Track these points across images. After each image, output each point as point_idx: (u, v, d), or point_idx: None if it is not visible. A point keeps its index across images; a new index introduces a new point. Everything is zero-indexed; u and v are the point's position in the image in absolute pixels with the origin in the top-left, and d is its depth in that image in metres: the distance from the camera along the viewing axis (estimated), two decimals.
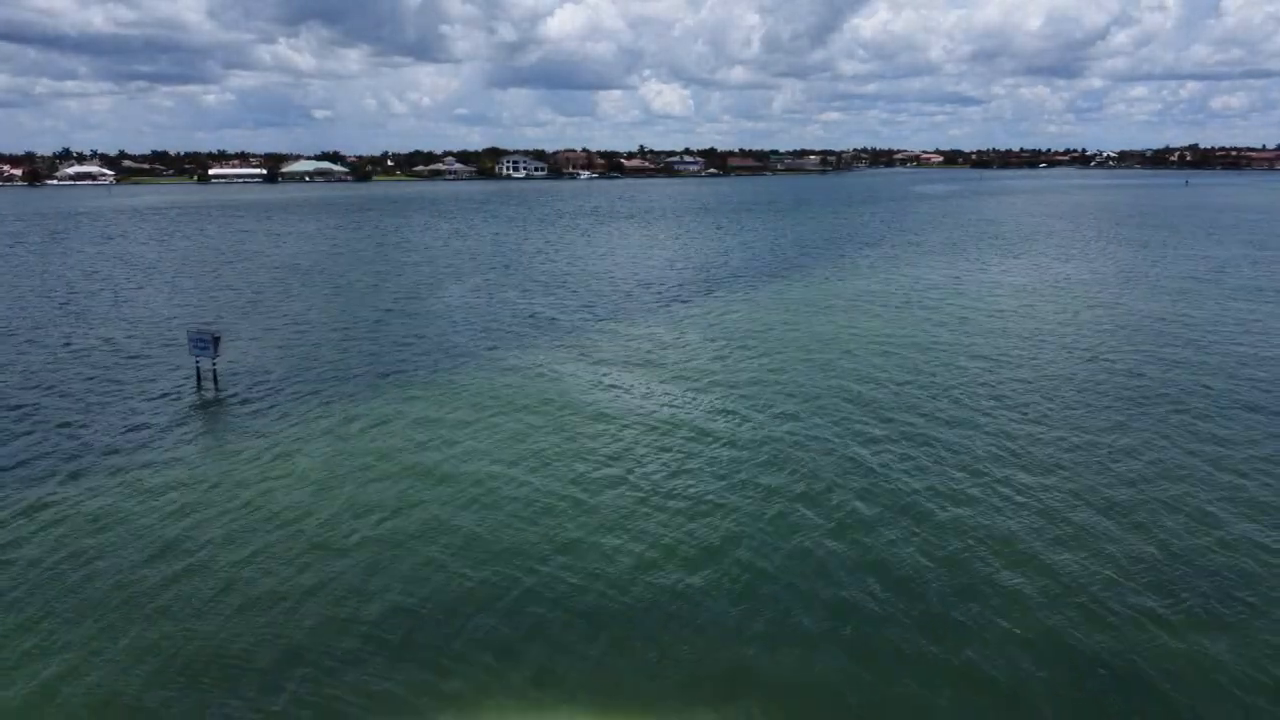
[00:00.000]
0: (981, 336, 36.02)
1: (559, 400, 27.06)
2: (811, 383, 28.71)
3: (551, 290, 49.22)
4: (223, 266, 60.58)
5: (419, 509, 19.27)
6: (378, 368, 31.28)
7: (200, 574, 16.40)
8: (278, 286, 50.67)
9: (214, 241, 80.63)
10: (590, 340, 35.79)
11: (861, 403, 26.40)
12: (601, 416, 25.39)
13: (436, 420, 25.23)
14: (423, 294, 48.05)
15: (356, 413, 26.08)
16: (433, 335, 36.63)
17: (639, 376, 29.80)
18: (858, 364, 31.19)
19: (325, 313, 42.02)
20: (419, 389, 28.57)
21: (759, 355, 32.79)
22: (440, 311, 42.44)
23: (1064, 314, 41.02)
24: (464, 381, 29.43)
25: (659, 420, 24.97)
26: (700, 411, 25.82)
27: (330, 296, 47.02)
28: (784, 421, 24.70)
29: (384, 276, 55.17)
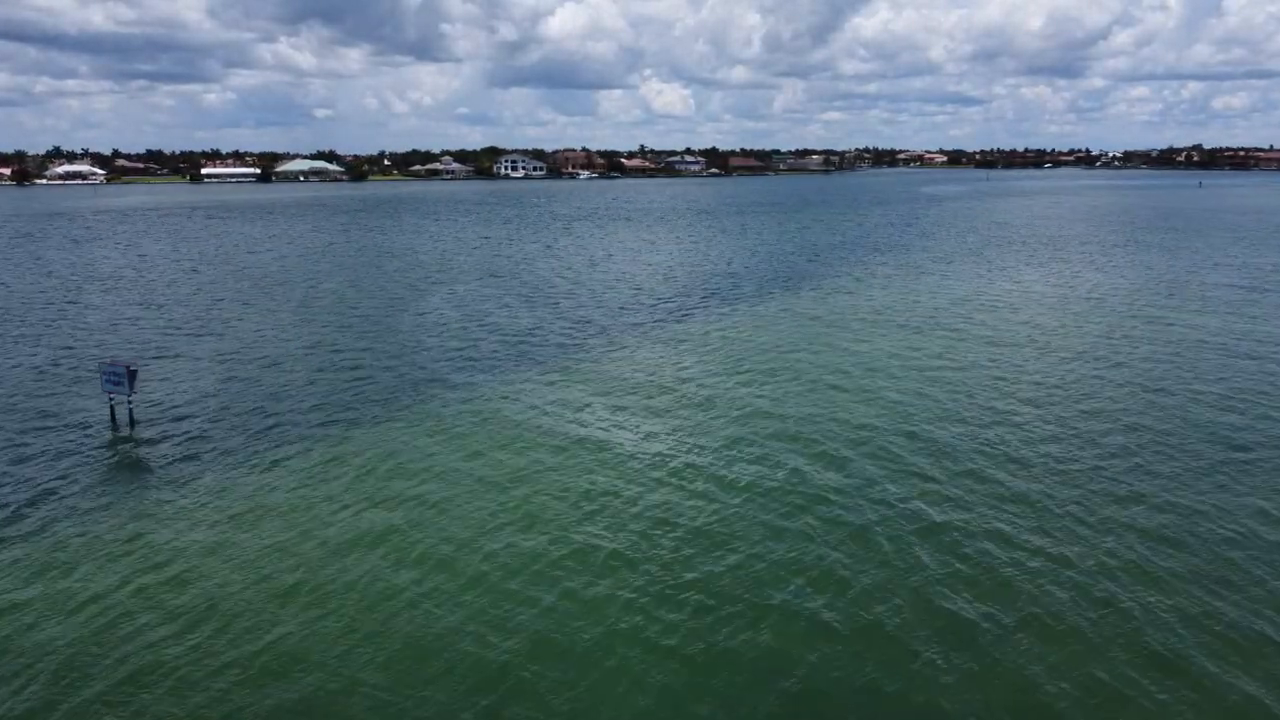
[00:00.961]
0: (1022, 361, 31.48)
1: (539, 443, 22.57)
2: (833, 419, 24.19)
3: (538, 303, 44.69)
4: (183, 276, 56.05)
5: (353, 597, 14.85)
6: (328, 403, 26.75)
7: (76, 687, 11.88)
8: (237, 300, 46.13)
9: (184, 247, 76.11)
10: (579, 365, 31.27)
11: (893, 444, 21.88)
12: (587, 470, 20.86)
13: (390, 472, 20.74)
14: (398, 308, 43.52)
15: (293, 462, 21.60)
16: (400, 361, 32.08)
17: (632, 414, 25.28)
18: (886, 396, 26.65)
19: (283, 331, 37.48)
20: (372, 430, 24.07)
21: (769, 385, 28.23)
22: (413, 330, 37.90)
23: (1112, 332, 36.46)
24: (428, 421, 24.92)
25: (655, 471, 20.46)
26: (705, 458, 21.31)
27: (293, 312, 42.49)
28: (812, 470, 20.19)
29: (359, 287, 50.63)
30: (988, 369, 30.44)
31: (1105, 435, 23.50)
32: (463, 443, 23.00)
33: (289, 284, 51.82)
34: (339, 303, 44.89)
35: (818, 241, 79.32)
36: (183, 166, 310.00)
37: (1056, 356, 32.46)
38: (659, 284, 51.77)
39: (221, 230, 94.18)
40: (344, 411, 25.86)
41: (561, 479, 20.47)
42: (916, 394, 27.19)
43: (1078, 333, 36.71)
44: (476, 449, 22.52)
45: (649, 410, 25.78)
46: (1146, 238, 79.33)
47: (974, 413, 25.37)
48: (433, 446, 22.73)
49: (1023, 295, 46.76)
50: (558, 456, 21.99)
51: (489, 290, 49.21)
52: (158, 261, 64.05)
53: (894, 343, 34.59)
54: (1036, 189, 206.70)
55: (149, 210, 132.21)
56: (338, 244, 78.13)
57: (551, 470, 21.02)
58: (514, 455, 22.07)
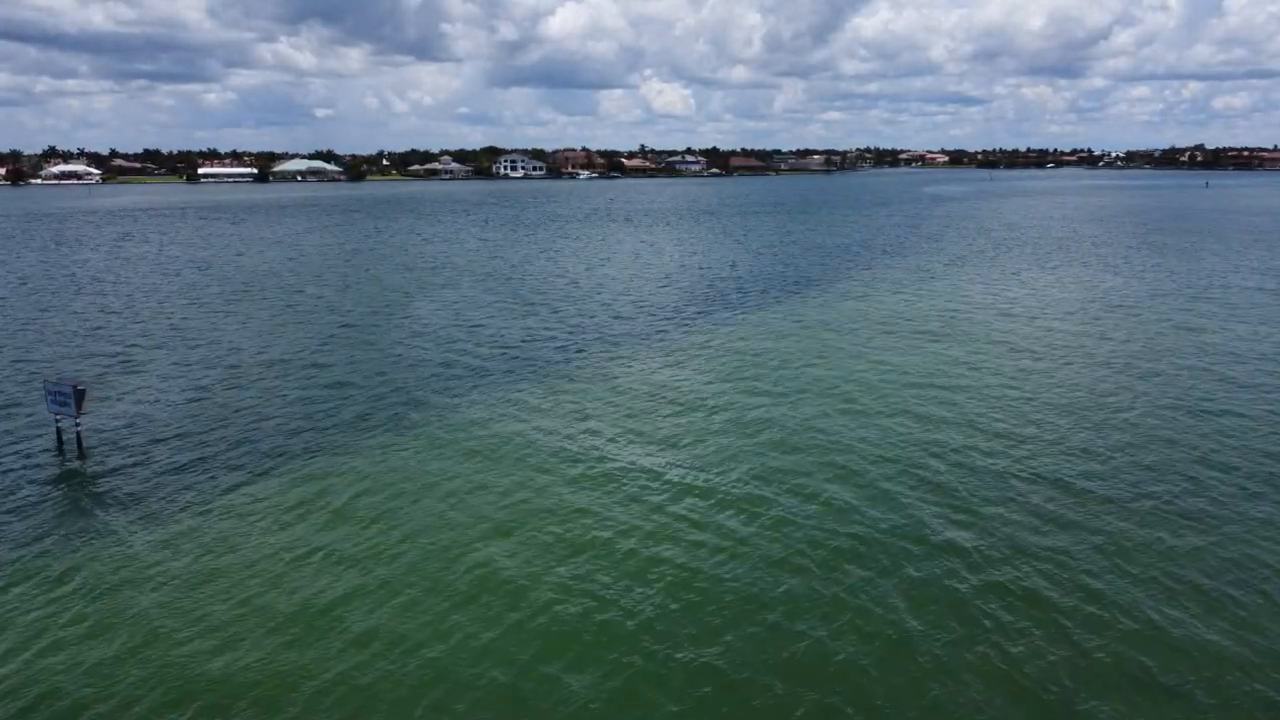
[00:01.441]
0: (1047, 371, 29.25)
1: (525, 473, 20.34)
2: (853, 441, 21.94)
3: (531, 310, 42.42)
4: (162, 280, 53.78)
5: (314, 653, 12.61)
6: (301, 426, 24.49)
7: None
8: (214, 307, 43.87)
9: (169, 250, 73.84)
10: (572, 382, 29.01)
11: (915, 475, 19.63)
12: (578, 511, 18.60)
13: (368, 514, 18.49)
14: (384, 316, 41.26)
15: (261, 500, 19.36)
16: (382, 376, 29.81)
17: (628, 440, 23.03)
18: (908, 412, 24.39)
19: (259, 342, 35.22)
20: (348, 460, 21.81)
21: (781, 403, 25.98)
22: (399, 341, 35.64)
23: (1139, 340, 34.23)
24: (407, 446, 22.69)
25: (654, 508, 18.20)
26: (707, 490, 19.05)
27: (272, 320, 40.22)
28: (821, 506, 17.94)
29: (345, 292, 48.36)
30: (1013, 382, 28.19)
31: (1144, 452, 21.39)
32: (447, 475, 20.73)
33: (271, 289, 49.53)
34: (323, 310, 42.61)
35: (823, 244, 77.04)
36: (180, 166, 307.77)
37: (1083, 366, 30.23)
38: (659, 290, 49.50)
39: (210, 232, 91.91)
40: (318, 436, 23.60)
41: (556, 516, 18.22)
42: (940, 408, 24.94)
43: (1103, 341, 34.46)
44: (463, 481, 20.26)
45: (648, 436, 23.52)
46: (1161, 239, 77.02)
47: (1005, 429, 23.16)
48: (413, 479, 20.47)
49: (1040, 301, 44.49)
50: (552, 487, 19.77)
51: (481, 297, 46.94)
52: (139, 265, 61.79)
53: (910, 354, 32.32)
54: (1041, 189, 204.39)
55: (140, 211, 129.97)
56: (328, 246, 75.87)
57: (548, 511, 18.77)
58: (505, 489, 19.82)
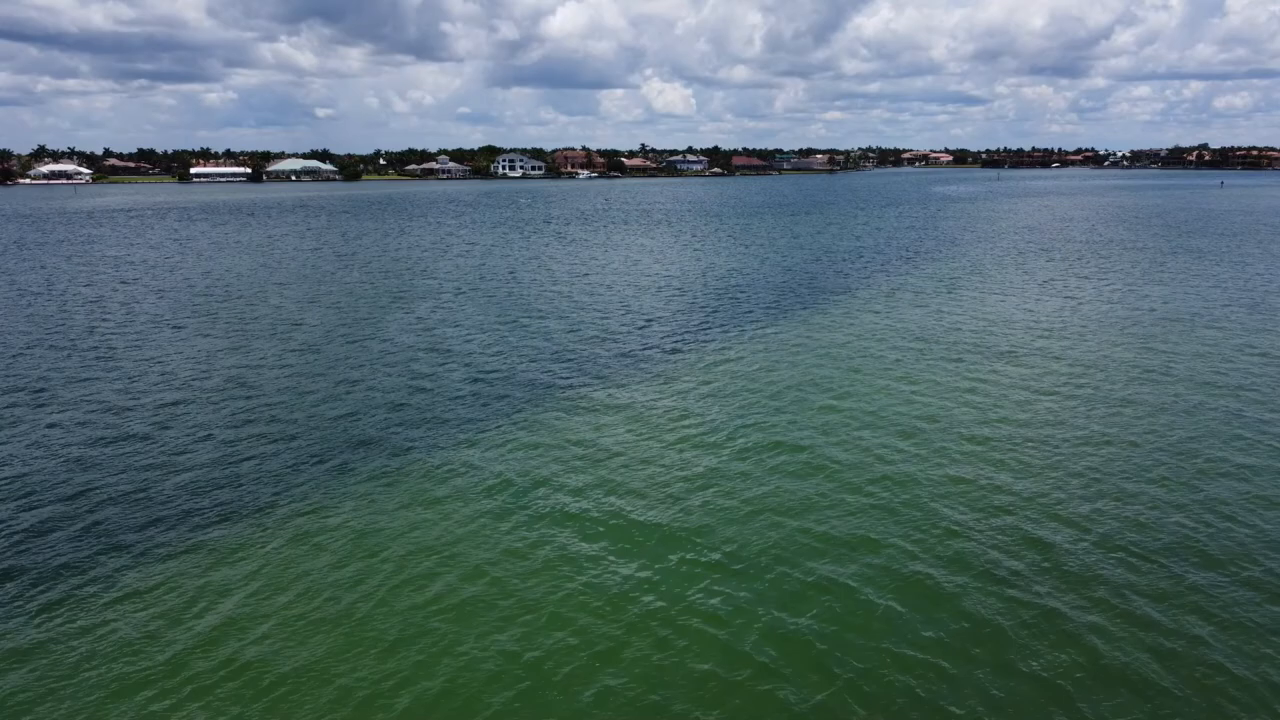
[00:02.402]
0: (1113, 397, 24.61)
1: (493, 538, 15.80)
2: (892, 503, 17.32)
3: (515, 326, 37.78)
4: (110, 291, 49.19)
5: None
6: (216, 480, 19.91)
7: None
8: (161, 321, 39.28)
9: (135, 253, 69.28)
10: (555, 417, 24.41)
11: (985, 545, 15.02)
12: (559, 572, 14.00)
13: (269, 609, 13.90)
14: (351, 333, 36.58)
15: (142, 577, 14.81)
16: (327, 414, 25.19)
17: (620, 490, 18.40)
18: (956, 460, 19.75)
19: (194, 369, 30.59)
20: (263, 528, 17.21)
21: (797, 448, 21.34)
22: (359, 365, 30.99)
23: (1208, 362, 29.58)
24: (338, 509, 18.09)
25: (650, 590, 13.61)
26: (710, 569, 14.46)
27: (216, 340, 35.59)
28: (876, 621, 13.37)
29: (308, 307, 43.68)
30: (1077, 416, 23.54)
31: (1247, 508, 16.68)
32: (379, 554, 16.12)
33: (231, 301, 44.89)
34: (281, 328, 37.93)
35: (833, 248, 72.38)
36: (174, 166, 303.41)
37: (1154, 395, 25.61)
38: (659, 302, 44.84)
39: (186, 235, 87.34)
40: (235, 496, 19.00)
41: (524, 583, 13.61)
42: (996, 451, 20.30)
43: (1168, 365, 29.81)
44: (400, 560, 15.66)
45: (637, 489, 18.89)
46: (1194, 243, 72.35)
47: (1080, 482, 18.51)
48: (337, 564, 15.88)
49: (1085, 315, 39.83)
50: (528, 546, 15.19)
51: (461, 311, 42.29)
52: (99, 270, 57.22)
53: (947, 379, 27.69)
54: (1051, 189, 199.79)
55: (122, 211, 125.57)
56: (304, 251, 71.22)
57: (518, 576, 14.16)
58: (473, 548, 15.22)
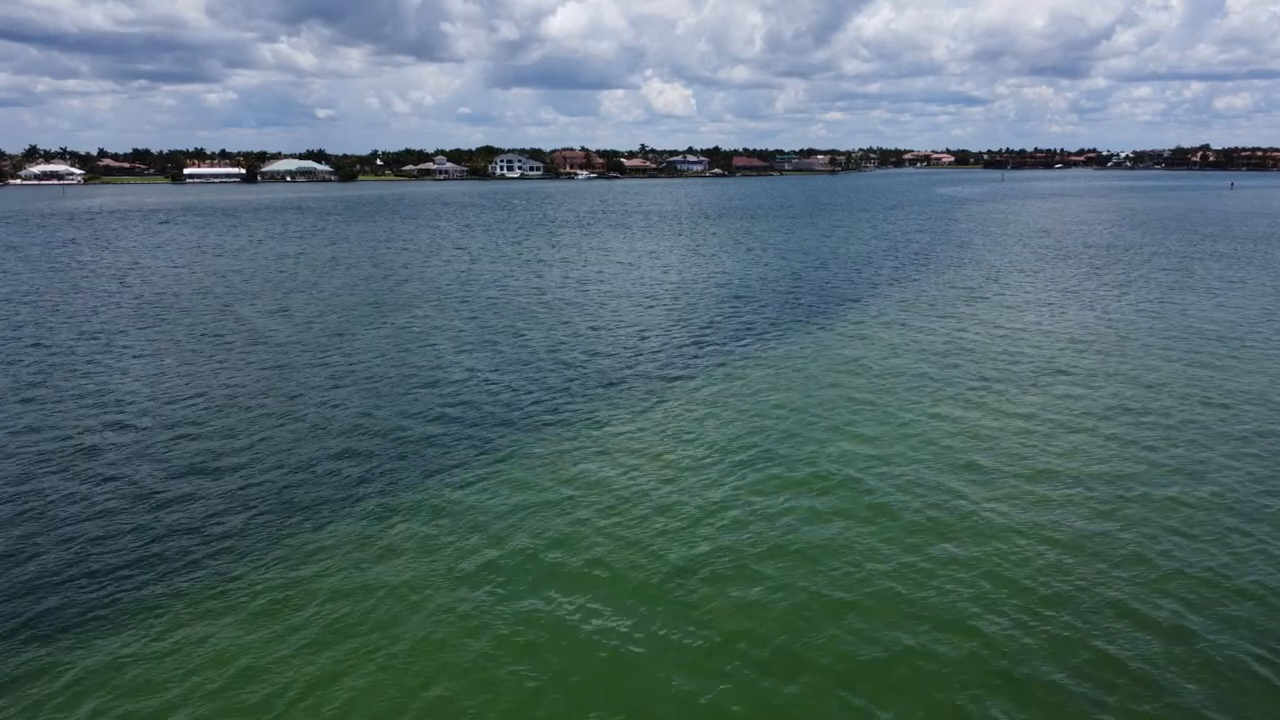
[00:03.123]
0: (1181, 436, 21.10)
1: (485, 581, 12.40)
2: (927, 562, 13.88)
3: (494, 346, 34.28)
4: (66, 298, 45.78)
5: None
6: (128, 551, 16.48)
7: None
8: (103, 339, 35.83)
9: (103, 257, 65.84)
10: (537, 460, 20.96)
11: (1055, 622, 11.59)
12: (546, 638, 10.63)
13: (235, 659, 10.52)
14: (318, 352, 33.06)
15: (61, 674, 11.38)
16: (295, 448, 21.74)
17: (623, 549, 14.96)
18: (1019, 516, 16.27)
19: (137, 394, 27.13)
20: (218, 602, 13.80)
21: (817, 494, 17.85)
22: (317, 389, 27.54)
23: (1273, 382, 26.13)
24: (317, 573, 14.71)
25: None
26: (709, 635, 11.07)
27: (166, 361, 32.12)
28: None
29: (276, 318, 40.20)
30: (1145, 447, 20.05)
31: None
32: (340, 608, 12.69)
33: (193, 313, 41.43)
34: (239, 345, 34.42)
35: (842, 252, 68.93)
36: (168, 167, 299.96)
37: (1219, 421, 22.12)
38: (658, 315, 41.36)
39: (166, 238, 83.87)
40: (147, 571, 15.55)
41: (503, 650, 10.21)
42: (1065, 488, 16.79)
43: (1224, 384, 26.34)
44: (328, 637, 12.22)
45: (637, 539, 15.44)
46: (1217, 247, 68.94)
47: (1181, 538, 15.02)
48: (320, 625, 12.47)
49: (1122, 329, 36.38)
50: (506, 605, 11.79)
51: (446, 322, 38.86)
52: (57, 276, 53.78)
53: (979, 408, 24.20)
54: (1058, 191, 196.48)
55: (109, 213, 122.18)
56: (286, 256, 67.72)
57: (500, 645, 10.76)
58: (449, 607, 11.79)
